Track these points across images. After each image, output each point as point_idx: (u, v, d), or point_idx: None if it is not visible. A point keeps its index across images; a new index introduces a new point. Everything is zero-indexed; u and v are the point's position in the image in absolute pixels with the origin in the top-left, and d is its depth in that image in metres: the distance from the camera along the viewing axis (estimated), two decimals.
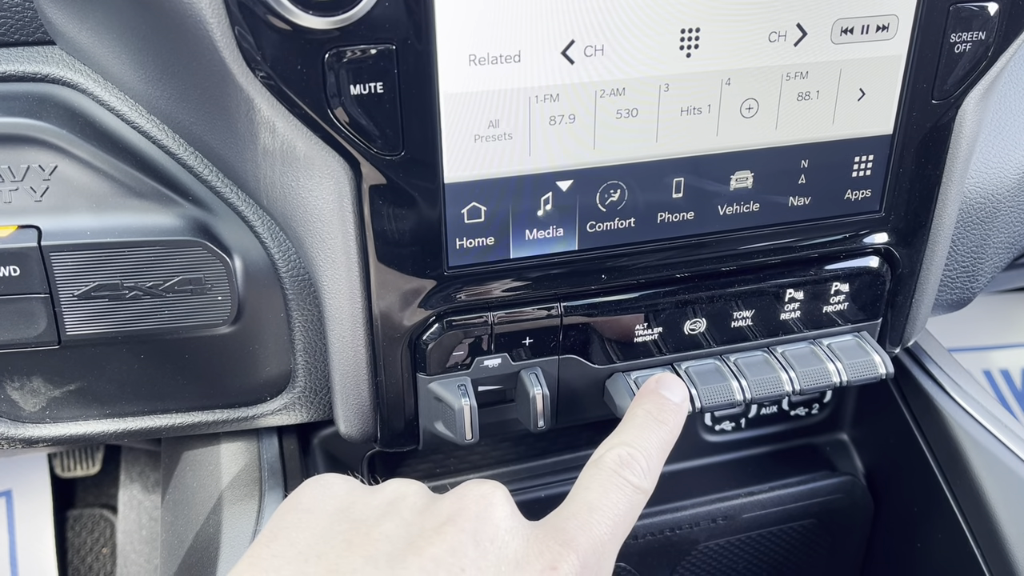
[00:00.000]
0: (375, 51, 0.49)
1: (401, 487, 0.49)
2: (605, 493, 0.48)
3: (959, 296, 0.77)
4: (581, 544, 0.45)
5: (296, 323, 0.60)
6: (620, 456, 0.50)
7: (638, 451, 0.51)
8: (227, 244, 0.57)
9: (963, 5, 0.58)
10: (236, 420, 0.64)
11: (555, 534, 0.46)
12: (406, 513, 0.47)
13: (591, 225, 0.59)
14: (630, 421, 0.53)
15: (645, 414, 0.54)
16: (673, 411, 0.54)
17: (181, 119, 0.56)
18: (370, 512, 0.47)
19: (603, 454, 0.51)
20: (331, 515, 0.47)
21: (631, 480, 0.49)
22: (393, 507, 0.47)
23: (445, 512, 0.46)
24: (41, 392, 0.59)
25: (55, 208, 0.54)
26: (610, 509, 0.47)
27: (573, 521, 0.47)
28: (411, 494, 0.48)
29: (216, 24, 0.47)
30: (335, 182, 0.53)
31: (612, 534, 0.47)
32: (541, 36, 0.52)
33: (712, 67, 0.56)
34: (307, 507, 0.47)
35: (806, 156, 0.61)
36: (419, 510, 0.47)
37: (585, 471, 0.50)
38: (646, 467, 0.50)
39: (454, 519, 0.45)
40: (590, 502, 0.48)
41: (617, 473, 0.49)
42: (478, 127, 0.54)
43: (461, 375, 0.60)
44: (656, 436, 0.52)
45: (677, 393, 0.56)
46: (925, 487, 0.79)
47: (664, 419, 0.53)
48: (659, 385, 0.56)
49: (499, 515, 0.46)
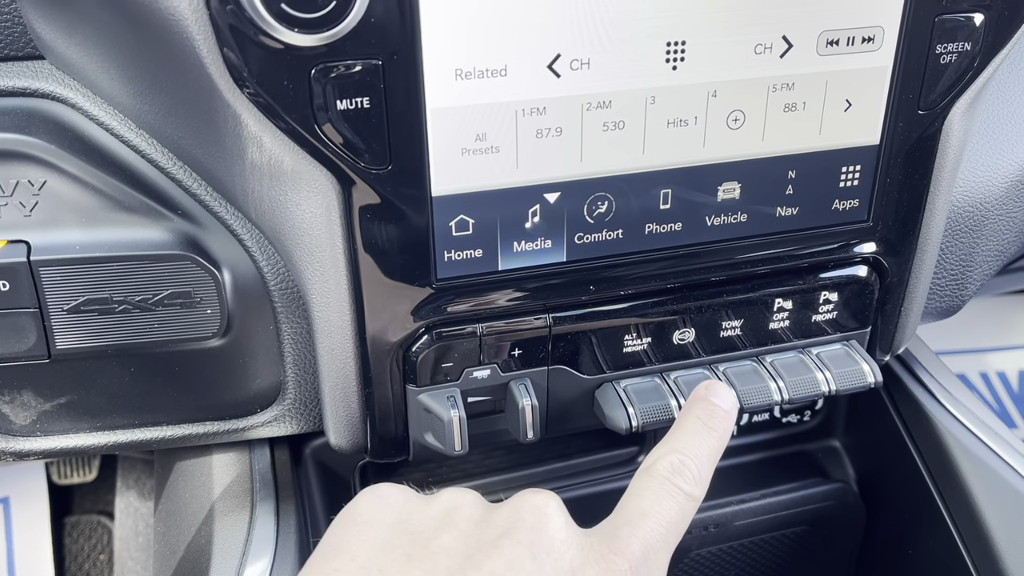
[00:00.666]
0: (361, 67, 0.49)
1: (456, 497, 0.50)
2: (657, 500, 0.49)
3: (948, 304, 0.77)
4: (634, 552, 0.46)
5: (285, 336, 0.61)
6: (672, 463, 0.51)
7: (689, 458, 0.51)
8: (216, 258, 0.57)
9: (948, 16, 0.58)
10: (227, 432, 0.64)
11: (608, 542, 0.47)
12: (463, 524, 0.47)
13: (579, 236, 0.59)
14: (681, 428, 0.54)
15: (696, 420, 0.54)
16: (723, 417, 0.55)
17: (170, 133, 0.57)
18: (427, 523, 0.47)
19: (654, 461, 0.51)
20: (390, 527, 0.47)
21: (683, 487, 0.50)
22: (450, 518, 0.48)
23: (501, 524, 0.47)
24: (32, 406, 0.59)
25: (44, 223, 0.55)
26: (662, 516, 0.48)
27: (626, 528, 0.47)
28: (466, 504, 0.49)
29: (203, 41, 0.47)
30: (323, 196, 0.53)
31: (664, 541, 0.48)
32: (527, 50, 0.52)
33: (698, 79, 0.56)
34: (365, 519, 0.48)
35: (793, 167, 0.61)
36: (475, 521, 0.48)
37: (637, 478, 0.51)
38: (697, 474, 0.51)
39: (510, 531, 0.46)
40: (643, 509, 0.48)
41: (669, 480, 0.50)
42: (465, 140, 0.54)
43: (450, 386, 0.61)
44: (707, 443, 0.53)
45: (726, 400, 0.56)
46: (916, 494, 0.79)
47: (714, 425, 0.54)
48: (708, 392, 0.57)
49: (554, 526, 0.47)
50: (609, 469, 0.85)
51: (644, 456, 0.86)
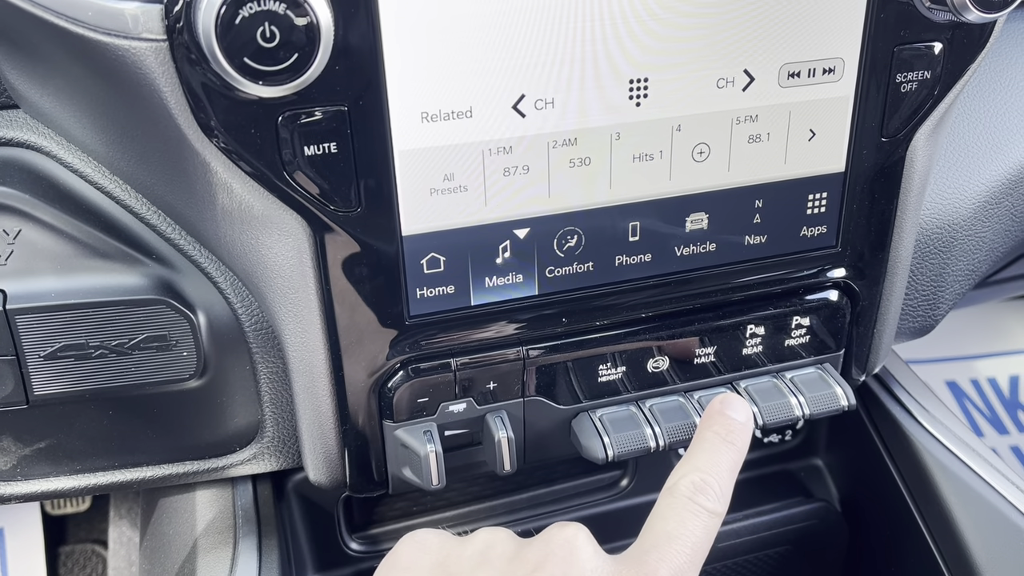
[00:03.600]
0: (328, 113, 0.50)
1: (489, 536, 0.52)
2: (682, 522, 0.50)
3: (921, 324, 0.78)
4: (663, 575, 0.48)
5: (262, 375, 0.61)
6: (694, 482, 0.52)
7: (711, 475, 0.52)
8: (191, 301, 0.58)
9: (907, 46, 0.59)
10: (207, 471, 0.64)
11: (638, 568, 0.48)
12: (497, 562, 0.49)
13: (550, 270, 0.60)
14: (699, 445, 0.55)
15: (714, 436, 0.55)
16: (740, 431, 0.56)
17: (143, 180, 0.57)
18: (464, 564, 0.50)
19: (676, 481, 0.52)
20: (429, 570, 0.50)
21: (706, 505, 0.51)
22: (484, 557, 0.50)
23: (533, 559, 0.49)
24: (11, 451, 0.60)
25: (20, 272, 0.55)
26: (688, 537, 0.49)
27: (654, 553, 0.49)
28: (499, 542, 0.51)
29: (170, 93, 0.48)
30: (294, 239, 0.54)
31: (691, 561, 0.49)
32: (491, 92, 0.53)
33: (662, 115, 0.57)
34: (406, 565, 0.50)
35: (760, 196, 0.62)
36: (509, 558, 0.49)
37: (661, 501, 0.52)
38: (719, 491, 0.52)
39: (543, 565, 0.48)
40: (668, 532, 0.50)
41: (692, 500, 0.51)
42: (433, 181, 0.55)
43: (427, 421, 0.61)
44: (726, 458, 0.54)
45: (742, 412, 0.57)
46: (897, 512, 0.79)
47: (732, 440, 0.55)
48: (724, 406, 0.57)
49: (584, 557, 0.49)
50: (592, 494, 0.85)
51: (627, 480, 0.86)
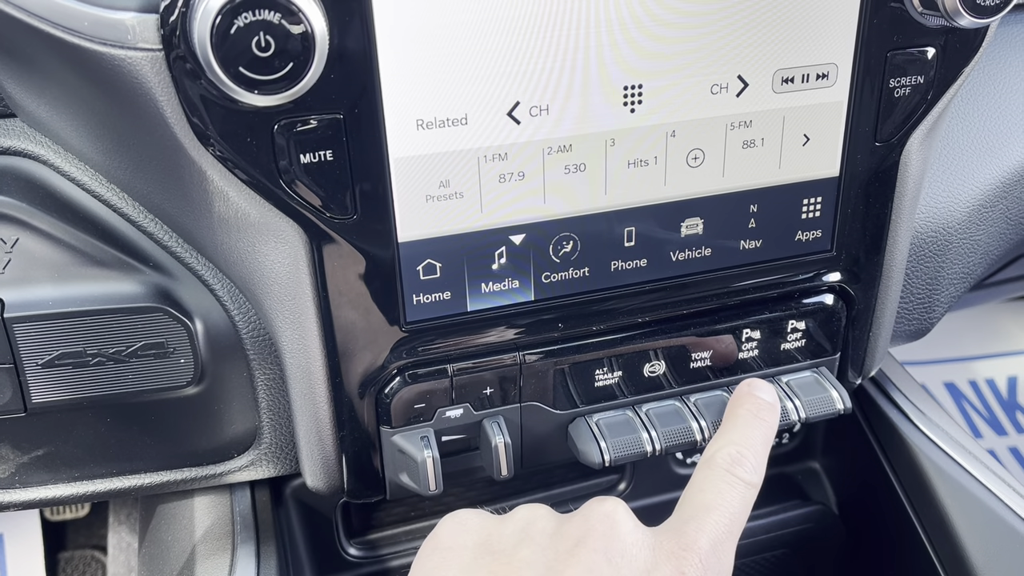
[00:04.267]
0: (323, 121, 0.51)
1: (529, 513, 0.52)
2: (719, 492, 0.51)
3: (917, 327, 0.78)
4: (703, 546, 0.49)
5: (259, 382, 0.61)
6: (730, 455, 0.53)
7: (746, 448, 0.54)
8: (188, 308, 0.58)
9: (900, 52, 0.60)
10: (205, 478, 0.65)
11: (677, 539, 0.49)
12: (539, 538, 0.50)
13: (546, 276, 0.60)
14: (732, 421, 0.57)
15: (746, 412, 0.58)
16: (769, 409, 0.58)
17: (139, 188, 0.58)
18: (507, 541, 0.50)
19: (713, 454, 0.54)
20: (472, 549, 0.50)
21: (743, 477, 0.52)
22: (526, 533, 0.51)
23: (575, 534, 0.49)
24: (9, 459, 0.60)
25: (17, 280, 0.56)
26: (726, 508, 0.51)
27: (692, 523, 0.50)
28: (539, 518, 0.52)
29: (166, 102, 0.48)
30: (290, 246, 0.54)
31: (729, 531, 0.50)
32: (486, 99, 0.54)
33: (656, 121, 0.58)
34: (448, 545, 0.51)
35: (755, 201, 0.62)
36: (550, 534, 0.50)
37: (698, 473, 0.53)
38: (755, 463, 0.54)
39: (585, 540, 0.49)
40: (706, 502, 0.51)
41: (729, 472, 0.52)
42: (429, 187, 0.55)
43: (423, 427, 0.62)
44: (759, 432, 0.56)
45: (770, 393, 0.60)
46: (894, 515, 0.80)
47: (764, 417, 0.57)
48: (751, 388, 0.60)
49: (624, 530, 0.50)
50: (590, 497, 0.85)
51: (625, 484, 0.87)
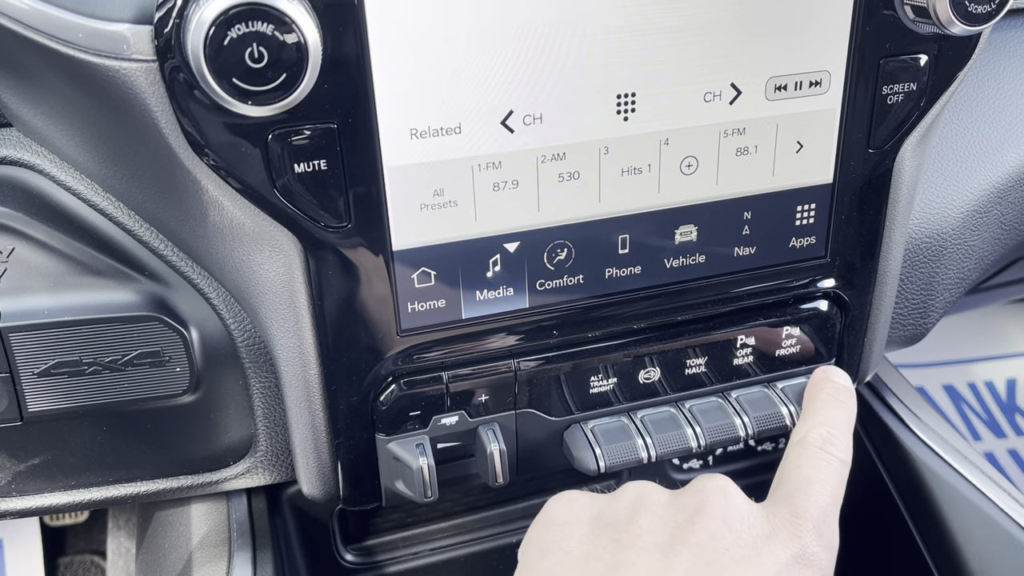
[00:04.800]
0: (317, 130, 0.51)
1: (639, 488, 0.54)
2: (817, 468, 0.54)
3: (912, 332, 0.78)
4: (812, 513, 0.51)
5: (255, 390, 0.62)
6: (822, 435, 0.56)
7: (834, 428, 0.57)
8: (184, 317, 0.58)
9: (893, 59, 0.60)
10: (201, 485, 0.65)
11: (789, 507, 0.51)
12: (656, 508, 0.51)
13: (540, 283, 0.61)
14: (816, 404, 0.60)
15: (828, 397, 0.60)
16: (848, 393, 0.61)
17: (135, 197, 0.58)
18: (622, 513, 0.52)
19: (804, 435, 0.56)
20: (588, 523, 0.52)
21: (836, 454, 0.55)
22: (641, 504, 0.52)
23: (691, 505, 0.51)
24: (6, 467, 0.60)
25: (13, 290, 0.56)
26: (826, 481, 0.53)
27: (799, 495, 0.52)
28: (651, 491, 0.53)
29: (160, 113, 0.49)
30: (284, 255, 0.54)
31: (833, 502, 0.53)
32: (480, 108, 0.54)
33: (650, 129, 0.58)
34: (563, 520, 0.52)
35: (748, 208, 0.63)
36: (665, 504, 0.52)
37: (791, 452, 0.56)
38: (844, 442, 0.56)
39: (702, 509, 0.50)
40: (807, 477, 0.53)
41: (823, 450, 0.55)
42: (423, 196, 0.55)
43: (419, 434, 0.62)
44: (843, 414, 0.59)
45: (845, 378, 0.63)
46: (889, 519, 0.80)
47: (843, 400, 0.60)
48: (828, 374, 0.63)
49: (738, 501, 0.52)
50: None
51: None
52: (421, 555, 0.82)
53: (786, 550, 0.49)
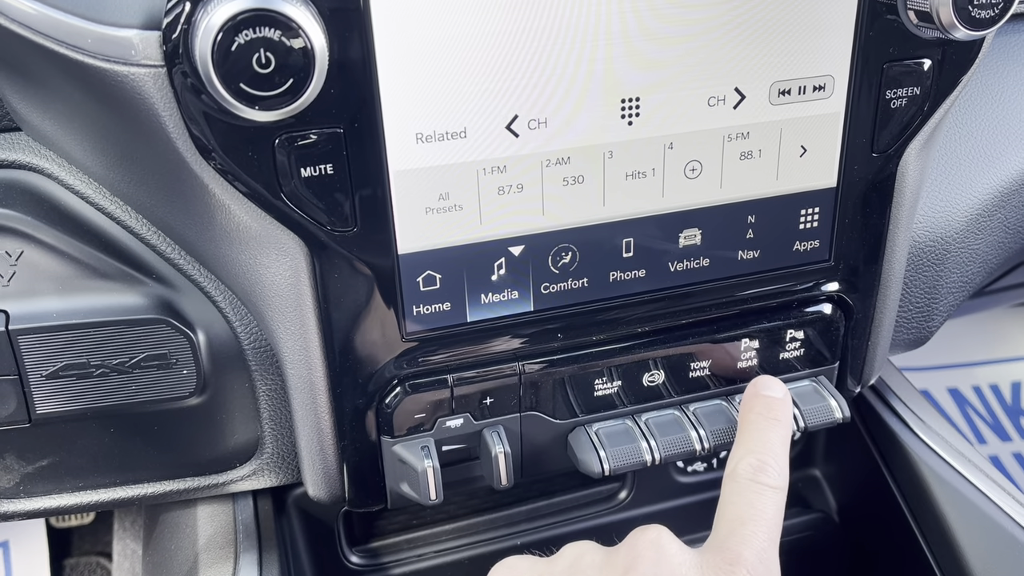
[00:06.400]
0: (323, 135, 0.51)
1: (575, 550, 0.53)
2: (750, 504, 0.52)
3: (916, 335, 0.78)
4: (747, 558, 0.50)
5: (261, 393, 0.62)
6: (751, 464, 0.54)
7: (765, 453, 0.55)
8: (191, 320, 0.59)
9: (896, 63, 0.60)
10: (207, 487, 0.65)
11: (722, 554, 0.50)
12: (589, 571, 0.51)
13: (545, 287, 0.61)
14: (746, 428, 0.58)
15: (758, 417, 0.58)
16: (781, 406, 0.59)
17: (142, 200, 0.58)
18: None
19: (734, 467, 0.55)
20: None
21: (768, 483, 0.53)
22: (576, 568, 0.51)
23: (623, 562, 0.50)
24: (14, 469, 0.60)
25: (22, 292, 0.56)
26: (760, 516, 0.52)
27: (732, 539, 0.51)
28: (587, 552, 0.52)
29: (168, 117, 0.49)
30: (291, 258, 0.55)
31: (769, 539, 0.51)
32: (485, 113, 0.54)
33: (654, 133, 0.58)
34: None
35: (752, 212, 0.63)
36: (599, 566, 0.51)
37: (725, 487, 0.54)
38: (777, 468, 0.54)
39: (635, 565, 0.50)
40: (740, 515, 0.52)
41: (754, 481, 0.53)
42: (429, 200, 0.56)
43: (424, 437, 0.62)
44: (775, 435, 0.57)
45: (778, 389, 0.60)
46: (894, 522, 0.80)
47: (776, 416, 0.58)
48: (759, 388, 0.61)
49: (671, 552, 0.51)
50: (591, 506, 0.86)
51: (626, 492, 0.87)
52: (426, 557, 0.82)
53: None
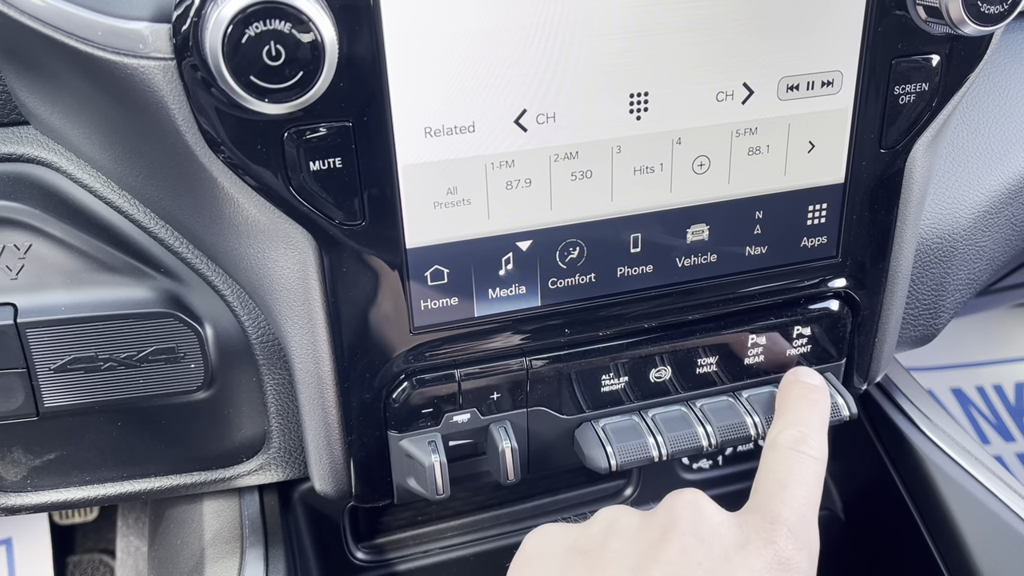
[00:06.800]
0: (332, 129, 0.51)
1: (611, 513, 0.54)
2: (790, 470, 0.53)
3: (923, 332, 0.78)
4: (787, 517, 0.50)
5: (268, 387, 0.62)
6: (793, 435, 0.56)
7: (806, 427, 0.56)
8: (198, 314, 0.59)
9: (904, 59, 0.60)
10: (214, 482, 0.65)
11: (762, 514, 0.51)
12: (627, 531, 0.51)
13: (552, 282, 0.61)
14: (786, 404, 0.60)
15: (797, 398, 0.60)
16: (819, 391, 0.61)
17: (151, 194, 0.58)
18: (594, 540, 0.51)
19: (775, 437, 0.56)
20: (562, 554, 0.51)
21: (809, 453, 0.55)
22: (612, 529, 0.52)
23: (661, 523, 0.51)
24: (22, 462, 0.60)
25: (30, 286, 0.56)
26: (801, 482, 0.53)
27: (773, 500, 0.51)
28: (623, 515, 0.53)
29: (177, 110, 0.49)
30: (299, 252, 0.55)
31: (809, 503, 0.52)
32: (494, 107, 0.54)
33: (662, 128, 0.58)
34: (538, 554, 0.52)
35: (760, 207, 0.63)
36: (636, 526, 0.51)
37: (765, 456, 0.55)
38: (817, 440, 0.56)
39: (673, 526, 0.50)
40: (781, 480, 0.53)
41: (795, 450, 0.55)
42: (437, 194, 0.56)
43: (431, 431, 0.62)
44: (815, 413, 0.58)
45: (815, 378, 0.62)
46: (900, 520, 0.80)
47: (814, 399, 0.60)
48: (797, 375, 0.63)
49: (709, 512, 0.51)
50: (597, 503, 0.86)
51: (631, 489, 0.87)
52: (431, 553, 0.82)
53: (760, 557, 0.48)
